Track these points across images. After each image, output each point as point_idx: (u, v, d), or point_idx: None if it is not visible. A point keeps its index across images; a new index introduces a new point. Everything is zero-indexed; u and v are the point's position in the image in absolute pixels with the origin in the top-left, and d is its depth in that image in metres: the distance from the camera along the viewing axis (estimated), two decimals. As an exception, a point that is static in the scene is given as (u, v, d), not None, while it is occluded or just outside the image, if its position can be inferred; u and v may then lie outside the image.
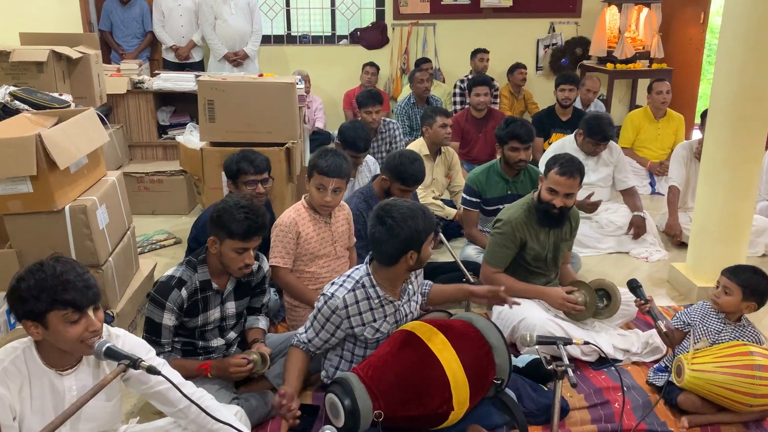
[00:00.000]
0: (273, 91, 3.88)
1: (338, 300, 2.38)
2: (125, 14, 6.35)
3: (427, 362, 2.24)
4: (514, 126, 3.74)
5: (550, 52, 7.39)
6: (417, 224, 2.31)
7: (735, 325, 2.65)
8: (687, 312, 2.77)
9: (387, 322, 2.46)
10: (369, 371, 2.25)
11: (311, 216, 3.04)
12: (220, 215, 2.39)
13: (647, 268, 4.09)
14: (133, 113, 5.21)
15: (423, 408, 2.23)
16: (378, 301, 2.42)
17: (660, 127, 5.63)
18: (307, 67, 6.73)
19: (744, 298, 2.59)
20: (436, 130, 4.42)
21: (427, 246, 2.37)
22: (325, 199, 2.95)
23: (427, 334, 2.31)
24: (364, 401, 2.17)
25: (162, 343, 2.42)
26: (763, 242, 4.26)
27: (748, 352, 2.47)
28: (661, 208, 4.78)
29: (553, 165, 3.02)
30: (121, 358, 1.79)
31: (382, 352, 2.33)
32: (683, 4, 7.03)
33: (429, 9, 7.19)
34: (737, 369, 2.44)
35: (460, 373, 2.25)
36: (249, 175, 3.17)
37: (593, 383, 2.79)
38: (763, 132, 3.45)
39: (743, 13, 3.27)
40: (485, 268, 3.17)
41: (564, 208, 3.04)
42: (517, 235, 3.09)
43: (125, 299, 3.15)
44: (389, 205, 2.36)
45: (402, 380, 2.23)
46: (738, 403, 2.45)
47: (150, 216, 4.84)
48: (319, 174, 2.94)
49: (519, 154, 3.75)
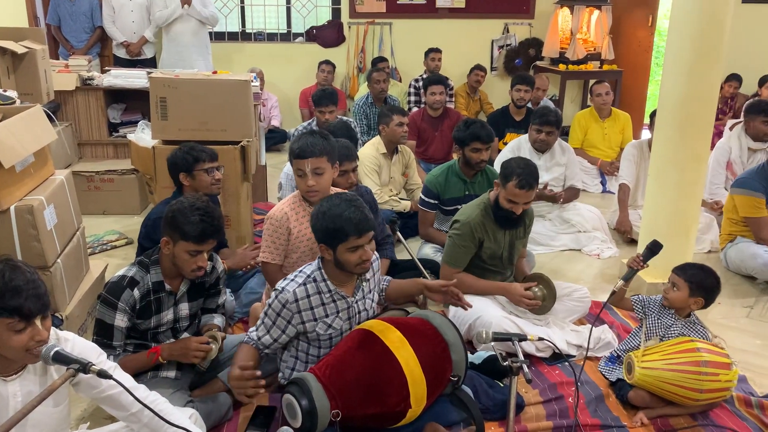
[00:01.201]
0: (227, 89, 3.82)
1: (288, 294, 2.36)
2: (73, 8, 6.17)
3: (385, 360, 2.24)
4: (475, 128, 3.78)
5: (504, 53, 7.48)
6: (328, 223, 2.29)
7: (685, 321, 2.72)
8: (647, 299, 2.82)
9: (339, 318, 2.45)
10: (326, 371, 2.24)
11: (306, 211, 2.89)
12: (174, 216, 2.34)
13: (599, 264, 4.18)
14: (82, 110, 5.08)
15: (381, 406, 2.23)
16: (329, 295, 2.41)
17: (606, 126, 5.79)
18: (263, 64, 6.67)
19: (691, 294, 2.67)
20: (393, 129, 4.44)
21: (344, 249, 2.30)
22: (308, 183, 2.79)
23: (384, 332, 2.31)
24: (322, 401, 2.16)
25: (114, 346, 2.36)
26: (709, 239, 4.40)
27: (695, 349, 2.55)
28: (611, 206, 4.89)
29: (510, 176, 3.00)
30: (70, 362, 1.73)
31: (339, 351, 2.32)
32: (632, 7, 7.21)
33: (385, 8, 7.20)
34: (685, 366, 2.51)
35: (418, 371, 2.26)
36: (206, 162, 3.13)
37: (548, 379, 2.83)
38: (709, 132, 3.56)
39: (690, 17, 3.36)
40: (445, 269, 3.19)
41: (523, 212, 3.11)
42: (476, 235, 3.12)
43: (75, 302, 3.06)
44: (330, 196, 2.37)
45: (360, 379, 2.23)
46: (686, 398, 2.53)
47: (101, 216, 4.73)
48: (294, 159, 2.81)
49: (480, 155, 3.79)
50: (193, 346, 2.37)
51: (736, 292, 3.82)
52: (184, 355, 2.39)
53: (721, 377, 2.50)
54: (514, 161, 3.09)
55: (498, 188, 3.12)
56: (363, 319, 2.53)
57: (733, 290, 3.85)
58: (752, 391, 2.80)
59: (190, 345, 2.38)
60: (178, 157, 3.15)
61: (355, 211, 2.29)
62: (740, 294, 3.80)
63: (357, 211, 2.30)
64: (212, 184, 3.18)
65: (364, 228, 2.29)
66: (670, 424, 2.57)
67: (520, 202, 3.04)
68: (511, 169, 3.03)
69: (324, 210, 2.33)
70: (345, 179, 3.31)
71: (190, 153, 3.12)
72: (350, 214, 2.28)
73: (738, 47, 6.56)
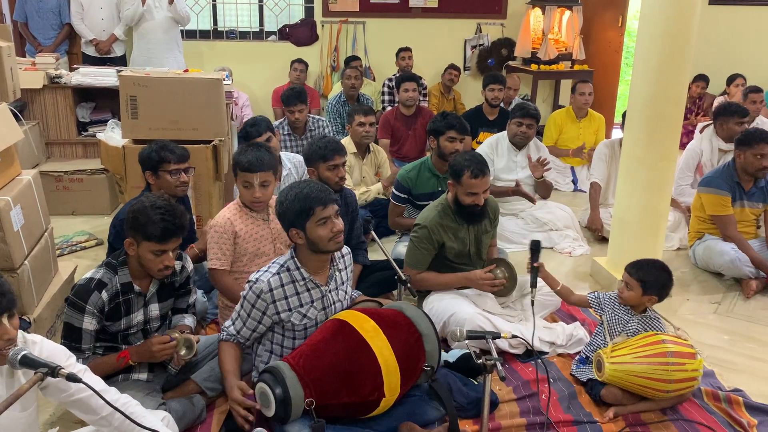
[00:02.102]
0: (199, 87, 3.79)
1: (263, 284, 2.37)
2: (41, 5, 6.04)
3: (359, 349, 2.25)
4: (451, 118, 3.90)
5: (477, 53, 7.52)
6: (293, 205, 2.34)
7: (641, 316, 2.79)
8: (604, 296, 2.88)
9: (314, 308, 2.45)
10: (300, 360, 2.25)
11: (248, 214, 2.98)
12: (135, 216, 2.31)
13: (571, 262, 4.23)
14: (50, 109, 4.99)
15: (355, 395, 2.24)
16: (304, 283, 2.42)
17: (582, 126, 5.87)
18: (235, 63, 6.62)
19: (644, 293, 2.73)
20: (355, 129, 4.48)
21: (314, 225, 2.35)
22: (255, 195, 2.91)
23: (359, 322, 2.33)
24: (296, 389, 2.17)
25: (83, 349, 2.32)
26: (677, 237, 4.48)
27: (660, 341, 2.61)
28: (583, 204, 4.95)
29: (461, 171, 3.07)
30: (38, 366, 1.70)
31: (313, 341, 2.33)
32: (602, 8, 7.31)
33: (358, 7, 7.18)
34: (652, 357, 2.56)
35: (392, 360, 2.27)
36: (171, 164, 3.10)
37: (521, 376, 2.86)
38: (678, 131, 3.62)
39: (659, 18, 3.41)
40: (407, 270, 3.23)
41: (486, 205, 3.17)
42: (434, 238, 3.16)
43: (43, 304, 3.01)
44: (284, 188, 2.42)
45: (334, 368, 2.23)
46: (656, 390, 2.57)
47: (70, 216, 4.65)
48: (242, 171, 2.91)
49: (456, 144, 3.85)
50: (155, 346, 2.35)
51: (704, 289, 3.89)
52: (151, 356, 2.37)
53: (687, 366, 2.56)
54: (458, 158, 3.18)
55: (453, 188, 3.16)
56: (338, 309, 2.55)
57: (701, 287, 3.92)
58: (720, 386, 2.86)
59: (151, 345, 2.35)
60: (145, 155, 3.13)
61: (314, 186, 2.39)
62: (708, 290, 3.88)
63: (315, 185, 2.40)
64: (177, 186, 3.15)
65: (327, 197, 2.37)
66: (640, 419, 2.61)
67: (479, 192, 3.09)
68: (459, 165, 3.10)
69: (284, 196, 2.39)
70: (335, 173, 3.36)
71: (157, 152, 3.09)
72: (309, 190, 2.36)
73: (705, 48, 6.69)
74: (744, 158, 3.89)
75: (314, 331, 2.41)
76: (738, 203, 3.97)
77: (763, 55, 7.64)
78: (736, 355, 3.18)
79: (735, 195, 3.95)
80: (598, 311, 2.87)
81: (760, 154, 3.83)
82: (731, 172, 3.98)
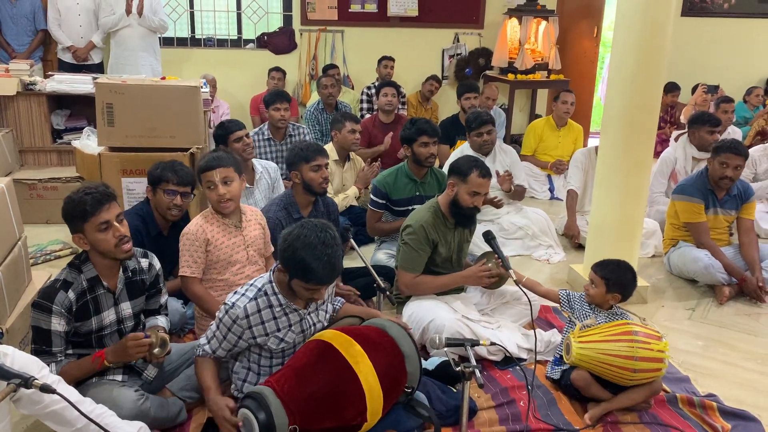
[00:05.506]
0: (176, 95, 3.77)
1: (239, 310, 2.34)
2: (14, 11, 5.97)
3: (345, 376, 2.24)
4: (420, 123, 3.92)
5: (454, 62, 7.57)
6: (288, 255, 2.26)
7: (608, 313, 2.87)
8: (572, 294, 2.99)
9: (292, 332, 2.43)
10: (285, 385, 2.21)
11: (220, 222, 2.97)
12: (65, 207, 2.33)
13: (549, 269, 4.27)
14: (24, 116, 4.93)
15: (338, 420, 2.22)
16: (281, 309, 2.39)
17: (561, 135, 5.93)
18: (213, 70, 6.58)
19: (608, 291, 2.83)
20: (345, 135, 4.45)
21: (299, 286, 2.31)
22: (219, 192, 2.88)
23: (344, 345, 2.30)
24: (280, 417, 2.13)
25: (53, 352, 2.27)
26: (652, 243, 4.53)
27: (625, 323, 2.72)
28: (560, 212, 4.99)
29: (469, 170, 3.09)
30: (10, 377, 1.67)
31: (298, 364, 2.29)
32: (578, 18, 7.40)
33: (337, 16, 7.20)
34: (618, 336, 2.63)
35: (376, 386, 2.26)
36: (170, 184, 3.13)
37: (500, 383, 2.87)
38: (652, 139, 3.68)
39: (633, 29, 3.47)
40: (403, 275, 3.19)
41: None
42: (430, 237, 3.15)
43: (16, 314, 2.95)
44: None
45: (319, 394, 2.21)
46: (623, 369, 2.59)
47: (44, 225, 4.58)
48: (202, 173, 2.92)
49: (429, 149, 3.87)
50: (129, 342, 2.32)
51: (679, 295, 3.95)
52: (127, 354, 2.34)
53: (653, 346, 2.60)
54: (463, 159, 3.21)
55: (454, 188, 3.15)
56: (317, 330, 2.52)
57: (676, 293, 3.97)
58: (695, 391, 2.90)
59: (126, 342, 2.33)
60: (151, 169, 3.18)
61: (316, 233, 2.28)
62: (683, 297, 3.93)
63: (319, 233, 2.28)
64: (168, 208, 3.14)
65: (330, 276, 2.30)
66: (618, 425, 2.63)
67: (482, 192, 3.13)
68: (467, 164, 3.13)
69: (287, 242, 2.27)
70: (319, 174, 3.37)
71: (161, 169, 3.14)
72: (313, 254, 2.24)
73: (677, 58, 6.81)
74: (712, 166, 3.98)
75: (298, 352, 2.37)
76: (711, 211, 4.04)
77: (732, 66, 7.83)
78: (710, 360, 3.23)
79: (708, 203, 4.02)
80: (566, 308, 2.96)
81: (725, 163, 3.91)
82: (704, 180, 4.04)
